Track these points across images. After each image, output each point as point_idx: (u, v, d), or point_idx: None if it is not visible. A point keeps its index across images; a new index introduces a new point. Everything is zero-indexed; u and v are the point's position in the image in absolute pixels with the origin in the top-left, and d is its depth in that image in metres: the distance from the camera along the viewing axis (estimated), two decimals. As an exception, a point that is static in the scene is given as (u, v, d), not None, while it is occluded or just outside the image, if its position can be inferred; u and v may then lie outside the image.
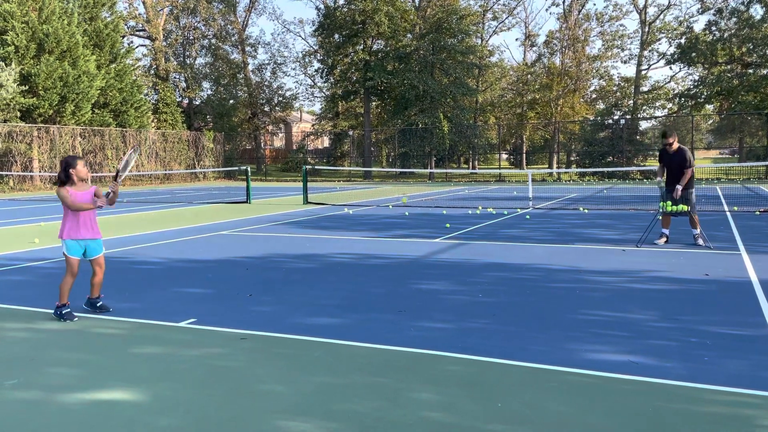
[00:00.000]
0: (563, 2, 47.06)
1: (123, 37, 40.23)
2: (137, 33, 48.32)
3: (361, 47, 43.10)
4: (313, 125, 57.91)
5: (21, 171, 30.13)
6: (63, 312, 5.45)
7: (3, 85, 28.15)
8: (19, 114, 30.20)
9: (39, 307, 5.87)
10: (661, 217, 9.46)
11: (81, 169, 5.45)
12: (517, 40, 78.26)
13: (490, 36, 52.72)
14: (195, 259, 8.58)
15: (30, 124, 30.46)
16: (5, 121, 29.54)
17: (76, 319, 5.45)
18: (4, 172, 29.14)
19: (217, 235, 11.20)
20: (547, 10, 62.85)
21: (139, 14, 46.54)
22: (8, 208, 19.01)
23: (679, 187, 9.02)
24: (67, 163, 5.44)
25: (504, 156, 57.27)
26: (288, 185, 33.42)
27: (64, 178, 5.43)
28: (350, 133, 50.70)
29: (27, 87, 29.97)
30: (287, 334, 4.89)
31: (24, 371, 4.16)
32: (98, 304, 5.70)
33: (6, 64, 29.19)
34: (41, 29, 30.33)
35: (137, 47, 44.30)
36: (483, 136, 46.20)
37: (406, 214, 15.02)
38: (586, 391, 3.66)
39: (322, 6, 45.92)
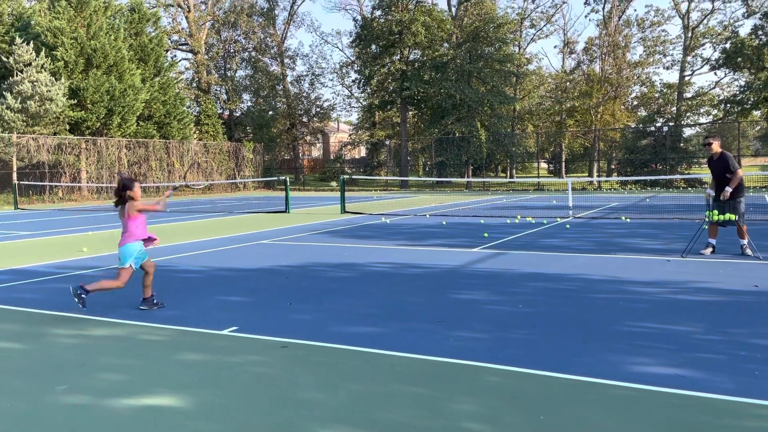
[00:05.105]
0: (603, 9, 46.46)
1: (166, 51, 41.35)
2: (180, 47, 49.61)
3: (398, 57, 43.31)
4: (350, 135, 58.40)
5: (69, 182, 31.17)
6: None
7: (53, 99, 29.23)
8: (68, 127, 31.34)
9: (88, 314, 6.06)
10: (707, 227, 9.20)
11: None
12: (555, 47, 77.43)
13: (528, 44, 52.43)
14: (236, 267, 8.73)
15: (78, 137, 31.53)
16: (55, 133, 30.66)
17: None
18: (53, 183, 30.19)
19: (258, 245, 11.38)
20: (586, 16, 62.30)
21: (182, 29, 47.80)
22: (58, 218, 19.67)
23: (728, 189, 8.73)
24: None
25: (543, 164, 56.59)
26: (326, 195, 33.71)
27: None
28: (387, 142, 50.89)
29: (76, 101, 31.07)
30: (327, 342, 4.94)
31: (74, 376, 4.30)
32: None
33: (56, 79, 30.31)
34: (89, 45, 31.42)
35: (180, 61, 45.60)
36: (521, 145, 45.79)
37: (444, 223, 14.98)
38: (630, 404, 3.59)
39: (359, 17, 46.40)
